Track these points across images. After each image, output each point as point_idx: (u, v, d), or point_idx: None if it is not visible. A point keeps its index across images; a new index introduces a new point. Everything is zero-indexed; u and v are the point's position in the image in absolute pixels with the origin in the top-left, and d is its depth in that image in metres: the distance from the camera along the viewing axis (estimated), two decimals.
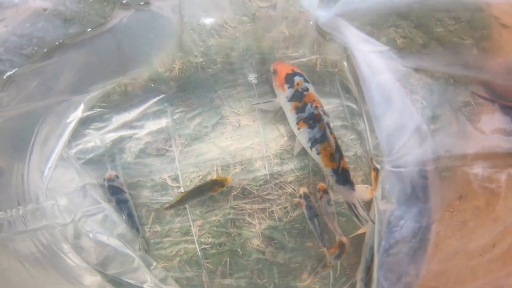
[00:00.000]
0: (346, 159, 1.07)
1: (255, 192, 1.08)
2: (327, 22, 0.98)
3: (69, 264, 1.06)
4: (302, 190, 1.07)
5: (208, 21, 1.14)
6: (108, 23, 1.01)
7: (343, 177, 0.97)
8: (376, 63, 0.89)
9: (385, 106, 0.88)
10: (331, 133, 0.98)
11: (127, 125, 1.15)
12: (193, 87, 1.15)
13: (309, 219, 1.06)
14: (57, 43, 0.96)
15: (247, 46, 1.14)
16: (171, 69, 1.14)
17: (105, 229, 1.09)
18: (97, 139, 1.13)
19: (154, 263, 1.10)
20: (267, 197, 1.09)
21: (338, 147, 0.97)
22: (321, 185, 1.07)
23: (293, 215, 1.08)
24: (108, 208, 1.10)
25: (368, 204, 1.07)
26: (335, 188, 1.02)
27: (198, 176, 1.10)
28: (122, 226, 1.10)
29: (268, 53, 1.14)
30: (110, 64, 1.06)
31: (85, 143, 1.13)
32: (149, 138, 1.14)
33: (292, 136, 1.11)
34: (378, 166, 0.97)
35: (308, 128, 1.01)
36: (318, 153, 1.00)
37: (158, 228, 1.11)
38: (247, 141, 1.11)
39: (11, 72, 0.91)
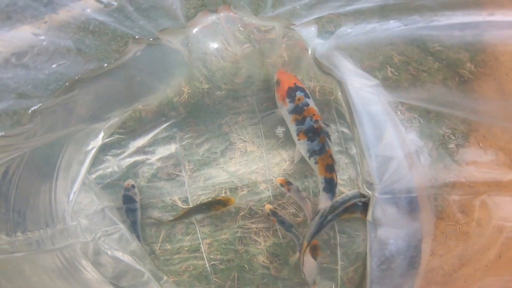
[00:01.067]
0: (342, 182, 1.20)
1: (260, 212, 1.20)
2: (324, 53, 1.09)
3: (88, 277, 1.15)
4: (267, 207, 1.17)
5: (211, 46, 1.25)
6: (123, 57, 1.11)
7: (331, 187, 1.08)
8: (367, 95, 1.01)
9: (376, 135, 1.00)
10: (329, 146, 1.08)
11: (141, 150, 1.25)
12: (201, 112, 1.26)
13: (286, 231, 1.16)
14: (77, 77, 1.06)
15: (249, 72, 1.25)
16: (180, 93, 1.25)
17: (120, 246, 1.19)
18: (114, 165, 1.24)
19: (165, 277, 1.20)
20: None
21: (333, 159, 1.08)
22: (280, 179, 1.18)
23: (296, 233, 1.18)
24: (124, 228, 1.20)
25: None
26: (320, 194, 1.11)
27: (207, 198, 1.21)
28: (134, 244, 1.20)
29: (269, 80, 1.25)
30: (126, 93, 1.17)
31: (104, 169, 1.24)
32: (160, 163, 1.25)
33: (293, 161, 1.22)
34: (370, 192, 1.10)
35: (308, 140, 1.10)
36: (316, 163, 1.10)
37: (168, 246, 1.21)
38: (253, 166, 1.23)
39: (36, 107, 1.01)
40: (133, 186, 1.20)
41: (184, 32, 1.16)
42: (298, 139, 1.12)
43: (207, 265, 1.19)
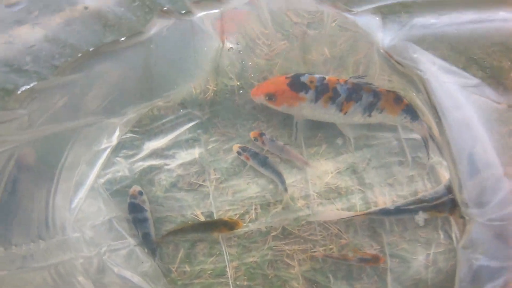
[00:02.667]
0: (399, 199, 1.07)
1: (296, 232, 1.05)
2: (395, 47, 0.94)
3: None
4: (235, 147, 1.09)
5: (245, 39, 1.12)
6: (145, 33, 0.96)
7: (414, 111, 1.04)
8: (460, 97, 0.85)
9: (473, 148, 0.83)
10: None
11: (158, 153, 1.12)
12: (229, 113, 1.13)
13: (261, 166, 1.06)
14: (90, 50, 0.90)
15: (285, 69, 1.11)
16: (205, 90, 1.12)
17: (129, 265, 1.06)
18: (125, 168, 1.10)
19: None
20: (309, 237, 1.05)
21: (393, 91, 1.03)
22: (253, 133, 1.09)
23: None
24: (133, 244, 1.06)
25: None
26: (413, 126, 1.06)
27: (235, 214, 1.07)
28: (147, 264, 1.06)
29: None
30: (145, 84, 1.03)
31: (114, 172, 1.10)
32: (181, 170, 1.10)
33: (339, 173, 1.08)
34: (467, 218, 0.94)
35: (355, 102, 1.01)
36: (381, 111, 1.03)
37: (188, 268, 1.06)
38: (289, 178, 1.08)
39: (29, 86, 0.84)
40: (140, 193, 1.07)
41: (219, 7, 1.01)
42: (345, 113, 1.02)
43: None
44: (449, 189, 0.99)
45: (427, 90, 0.91)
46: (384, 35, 0.97)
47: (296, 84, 1.01)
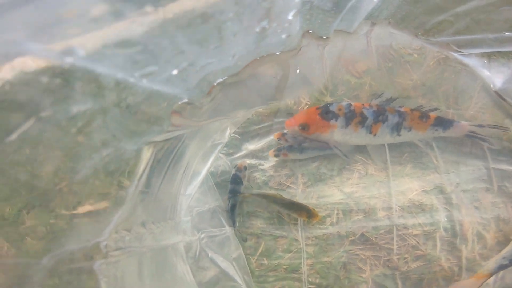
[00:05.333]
0: (483, 221, 1.11)
1: (373, 239, 1.13)
2: (506, 90, 1.07)
3: (181, 279, 1.15)
4: (271, 153, 1.24)
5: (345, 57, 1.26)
6: (296, 50, 1.14)
7: (443, 120, 1.12)
8: None
9: None
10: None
11: (254, 154, 1.29)
12: None
13: (301, 152, 1.21)
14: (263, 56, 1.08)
15: (374, 89, 1.25)
16: (299, 103, 1.29)
17: (222, 251, 1.20)
18: (226, 164, 1.30)
19: None
20: (385, 246, 1.12)
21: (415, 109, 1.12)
22: (275, 134, 1.24)
23: (412, 266, 1.09)
24: (229, 232, 1.21)
25: None
26: (449, 134, 1.14)
27: (321, 215, 1.18)
28: (237, 251, 1.19)
29: (396, 97, 1.20)
30: (265, 94, 1.21)
31: (216, 166, 1.29)
32: (273, 171, 1.27)
33: (425, 191, 1.16)
34: None
35: (383, 124, 1.10)
36: (409, 129, 1.12)
37: (265, 261, 1.18)
38: (373, 191, 1.18)
39: (221, 80, 1.02)
40: (245, 168, 1.23)
41: (345, 38, 1.19)
42: (374, 135, 1.13)
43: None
44: None
45: None
46: (493, 76, 1.10)
47: (327, 113, 1.13)
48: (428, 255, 1.10)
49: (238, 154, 1.31)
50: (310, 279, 1.15)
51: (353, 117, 1.13)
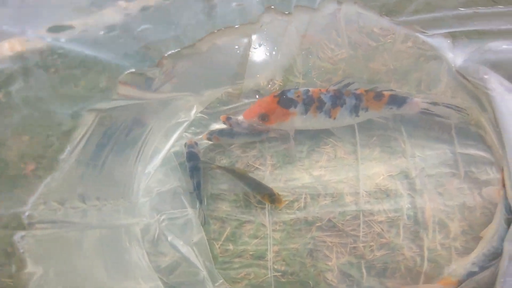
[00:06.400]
0: (447, 208, 1.13)
1: (340, 226, 1.14)
2: (467, 67, 1.06)
3: (135, 262, 1.11)
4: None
5: (317, 44, 1.24)
6: (255, 24, 1.13)
7: (396, 98, 1.14)
8: None
9: None
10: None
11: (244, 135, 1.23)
12: None
13: (233, 137, 1.20)
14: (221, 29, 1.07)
15: (348, 74, 1.23)
16: (272, 84, 1.26)
17: (183, 234, 1.16)
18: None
19: (221, 280, 1.14)
20: (352, 232, 1.13)
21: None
22: (222, 117, 1.19)
23: (377, 254, 1.11)
24: (191, 214, 1.17)
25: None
26: (403, 111, 1.15)
27: (285, 200, 1.17)
28: (199, 235, 1.16)
29: (371, 82, 1.21)
30: (230, 70, 1.18)
31: (181, 146, 1.23)
32: (240, 152, 1.23)
33: (390, 176, 1.17)
34: None
35: (342, 107, 1.12)
36: (366, 110, 1.14)
37: (231, 246, 1.17)
38: (341, 174, 1.18)
39: (174, 51, 1.00)
40: (196, 144, 1.21)
41: (310, 14, 1.16)
42: (335, 117, 1.14)
43: (270, 276, 1.14)
44: None
45: (492, 108, 1.02)
46: (455, 57, 1.09)
47: (285, 101, 1.13)
48: (392, 243, 1.11)
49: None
50: (276, 266, 1.14)
51: (311, 102, 1.13)
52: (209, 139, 1.22)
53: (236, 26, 1.06)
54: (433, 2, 1.09)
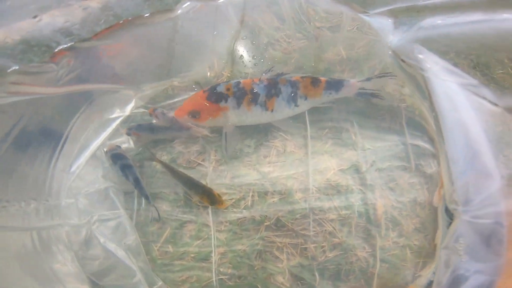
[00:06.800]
0: (399, 205, 1.09)
1: (289, 225, 1.07)
2: (402, 47, 1.01)
3: (58, 268, 1.01)
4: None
5: (264, 30, 1.19)
6: (176, 11, 1.06)
7: (333, 82, 1.09)
8: (459, 98, 0.90)
9: (467, 149, 0.88)
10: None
11: (164, 129, 1.15)
12: None
13: (152, 133, 1.13)
14: (128, 19, 0.99)
15: (300, 64, 1.18)
16: (219, 75, 1.18)
17: (115, 236, 1.08)
18: (131, 140, 1.15)
19: (160, 283, 1.06)
20: (302, 232, 1.06)
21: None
22: (149, 110, 1.13)
23: (329, 255, 1.06)
24: (124, 216, 1.08)
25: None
26: (342, 94, 1.11)
27: (231, 199, 1.09)
28: (132, 237, 1.08)
29: (321, 74, 1.16)
30: (165, 62, 1.10)
31: (120, 143, 1.14)
32: (182, 148, 1.14)
33: (341, 170, 1.11)
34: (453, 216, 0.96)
35: (278, 97, 1.07)
36: (305, 98, 1.09)
37: (171, 248, 1.08)
38: (291, 170, 1.11)
39: (66, 46, 0.92)
40: (118, 146, 1.11)
41: None
42: (272, 109, 1.08)
43: (214, 279, 1.05)
44: None
45: (428, 90, 0.98)
46: (394, 37, 1.05)
47: (215, 96, 1.06)
48: (344, 243, 1.06)
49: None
50: (221, 269, 1.06)
51: (243, 95, 1.06)
52: (128, 134, 1.14)
53: (147, 15, 0.99)
54: None
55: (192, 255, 1.07)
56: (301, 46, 1.18)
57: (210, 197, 1.06)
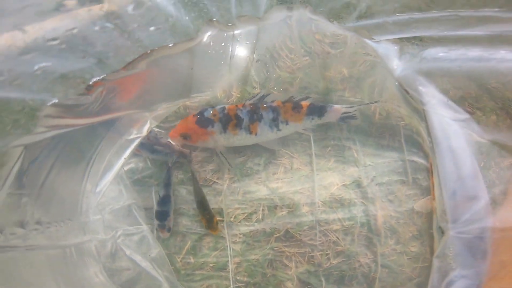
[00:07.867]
0: (397, 215, 1.20)
1: (297, 236, 1.18)
2: (405, 78, 1.10)
3: (91, 279, 1.11)
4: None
5: (271, 50, 1.27)
6: (196, 39, 1.11)
7: (315, 108, 1.16)
8: (451, 128, 1.02)
9: (456, 173, 1.01)
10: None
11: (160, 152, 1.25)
12: None
13: (152, 153, 1.21)
14: (150, 51, 1.04)
15: (304, 83, 1.27)
16: (229, 96, 1.27)
17: (140, 250, 1.17)
18: (147, 160, 1.26)
19: None
20: (309, 242, 1.18)
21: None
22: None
23: (333, 262, 1.17)
24: (147, 230, 1.19)
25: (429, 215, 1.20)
26: (325, 120, 1.18)
27: (243, 213, 1.20)
28: (156, 250, 1.18)
29: (325, 93, 1.26)
30: (180, 84, 1.17)
31: (136, 162, 1.25)
32: (198, 166, 1.25)
33: (344, 186, 1.22)
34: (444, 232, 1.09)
35: (260, 122, 1.14)
36: (287, 123, 1.16)
37: (192, 259, 1.19)
38: (297, 185, 1.22)
39: (99, 78, 0.96)
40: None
41: (256, 23, 1.16)
42: (255, 134, 1.15)
43: (232, 286, 1.17)
44: None
45: (426, 121, 1.09)
46: (398, 64, 1.12)
47: (202, 121, 1.15)
48: (348, 250, 1.17)
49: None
50: (237, 277, 1.18)
51: (229, 121, 1.14)
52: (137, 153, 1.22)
53: (170, 45, 1.05)
54: (374, 7, 1.11)
55: (211, 265, 1.19)
56: (304, 64, 1.26)
57: (209, 221, 1.18)
